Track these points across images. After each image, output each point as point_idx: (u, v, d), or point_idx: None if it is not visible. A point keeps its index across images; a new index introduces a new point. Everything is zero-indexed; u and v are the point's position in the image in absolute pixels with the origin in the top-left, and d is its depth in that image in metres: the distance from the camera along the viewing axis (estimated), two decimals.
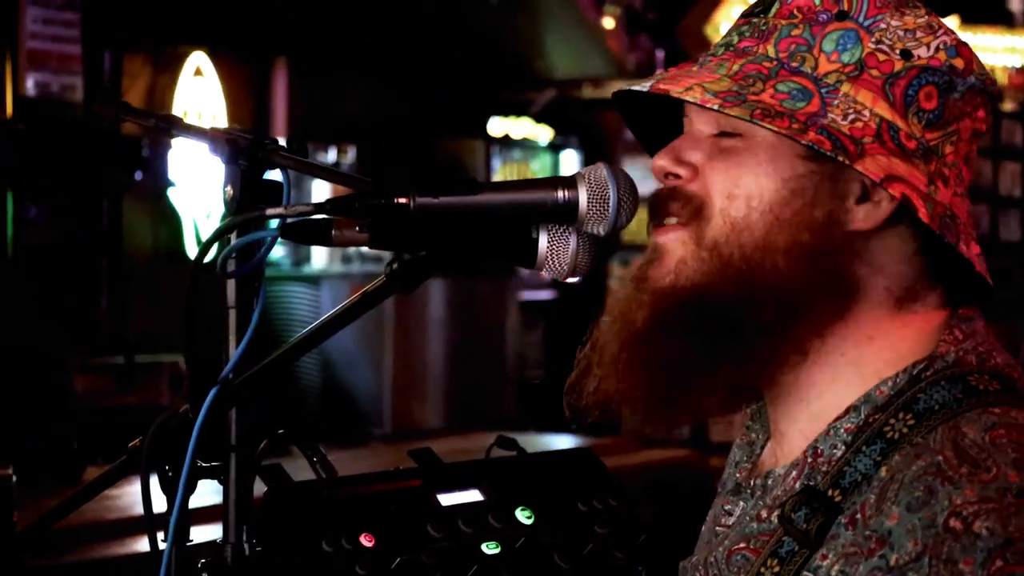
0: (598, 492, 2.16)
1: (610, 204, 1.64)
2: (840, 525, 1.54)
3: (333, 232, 1.65)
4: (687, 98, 1.60)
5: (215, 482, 1.79)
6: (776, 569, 1.57)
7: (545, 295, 10.25)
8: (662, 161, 1.66)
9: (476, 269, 8.59)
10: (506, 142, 10.27)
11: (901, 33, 1.63)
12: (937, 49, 1.62)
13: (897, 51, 1.62)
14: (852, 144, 1.57)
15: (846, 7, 1.64)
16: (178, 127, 1.88)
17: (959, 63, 1.63)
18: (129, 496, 5.55)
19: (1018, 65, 12.22)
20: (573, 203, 1.63)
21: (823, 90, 1.60)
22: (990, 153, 10.77)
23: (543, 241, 1.66)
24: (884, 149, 1.58)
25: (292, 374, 8.27)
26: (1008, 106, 11.71)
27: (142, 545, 1.79)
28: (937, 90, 1.62)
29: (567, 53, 9.90)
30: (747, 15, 1.69)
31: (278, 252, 8.87)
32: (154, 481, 1.75)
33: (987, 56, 12.15)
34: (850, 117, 1.59)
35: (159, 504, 1.75)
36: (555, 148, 10.73)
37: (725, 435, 9.36)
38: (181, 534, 1.74)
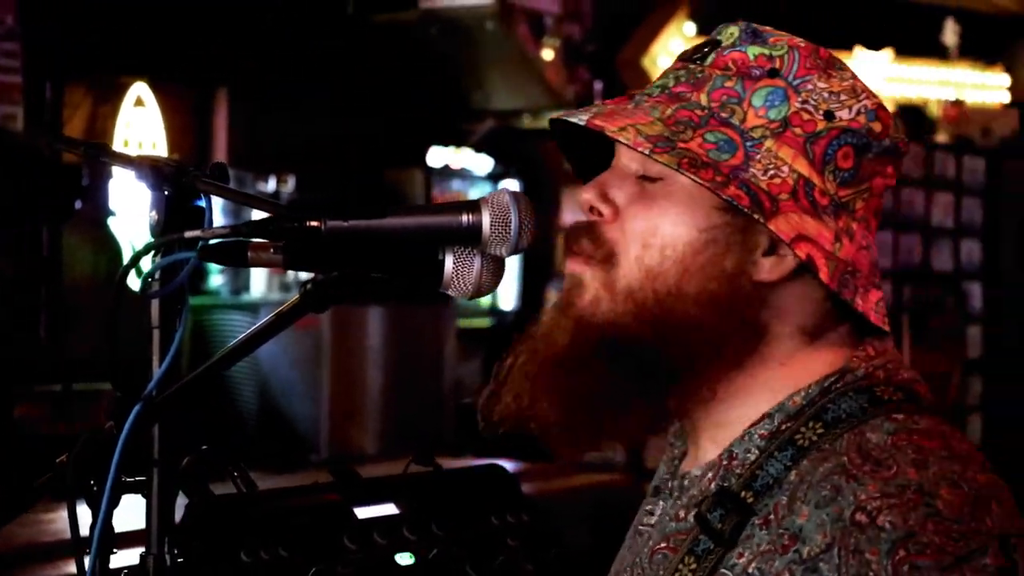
0: (510, 507, 2.23)
1: (512, 227, 1.72)
2: (754, 526, 1.64)
3: (249, 254, 1.72)
4: (620, 139, 1.68)
5: (140, 508, 1.84)
6: (693, 566, 1.67)
7: (483, 322, 10.33)
8: (588, 195, 1.76)
9: (412, 296, 8.64)
10: (445, 172, 10.34)
11: (826, 95, 1.72)
12: (858, 112, 1.72)
13: (821, 112, 1.71)
14: (768, 200, 1.67)
15: (778, 65, 1.73)
16: (106, 155, 1.95)
17: (877, 127, 1.73)
18: (63, 521, 5.59)
19: (952, 98, 12.38)
20: (477, 226, 1.72)
21: (748, 143, 1.70)
22: (923, 184, 10.90)
23: (449, 262, 1.74)
24: (797, 206, 1.68)
25: (230, 399, 8.30)
26: (941, 138, 11.86)
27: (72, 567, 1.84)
28: (854, 151, 1.72)
29: (506, 84, 9.97)
30: (684, 59, 1.79)
31: (217, 280, 8.91)
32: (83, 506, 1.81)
33: (921, 89, 12.31)
34: (770, 172, 1.68)
35: (86, 528, 1.80)
36: (494, 178, 10.81)
37: (659, 461, 9.44)
38: (105, 546, 1.79)
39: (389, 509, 2.13)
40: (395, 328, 8.59)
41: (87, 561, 1.79)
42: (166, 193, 1.82)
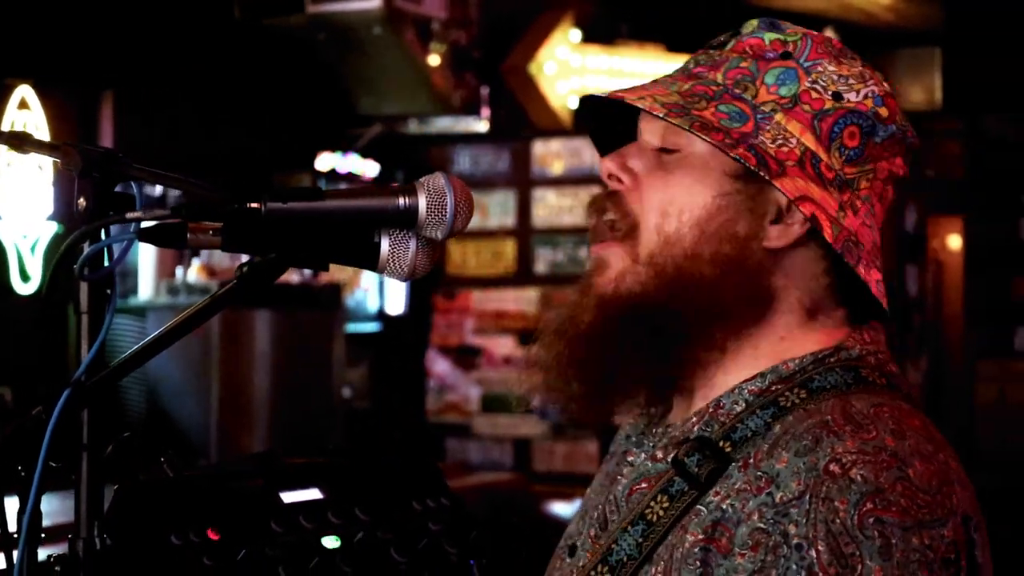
0: (431, 492, 2.27)
1: (448, 210, 1.76)
2: (734, 469, 1.74)
3: (188, 236, 1.74)
4: (638, 104, 1.80)
5: (59, 504, 1.84)
6: (665, 505, 1.76)
7: (371, 327, 10.33)
8: (610, 164, 1.89)
9: (303, 302, 8.63)
10: (333, 176, 10.33)
11: (835, 77, 1.84)
12: (866, 96, 1.84)
13: (830, 92, 1.83)
14: (775, 164, 1.78)
15: (791, 49, 1.85)
16: (30, 143, 1.95)
17: (884, 111, 1.84)
18: None
19: None
20: (413, 209, 1.75)
21: (758, 116, 1.81)
22: None
23: (384, 245, 1.77)
24: (804, 174, 1.79)
25: (118, 402, 8.23)
26: None
27: None
28: (860, 131, 1.83)
29: (394, 89, 9.97)
30: (707, 47, 1.91)
31: None
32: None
33: None
34: (778, 142, 1.79)
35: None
36: (381, 182, 10.83)
37: (548, 464, 9.52)
38: (34, 532, 1.81)
39: (314, 494, 2.16)
40: (284, 332, 8.57)
41: (15, 553, 1.80)
42: (95, 179, 1.83)
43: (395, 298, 10.41)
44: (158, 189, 9.03)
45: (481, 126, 10.34)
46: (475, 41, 10.25)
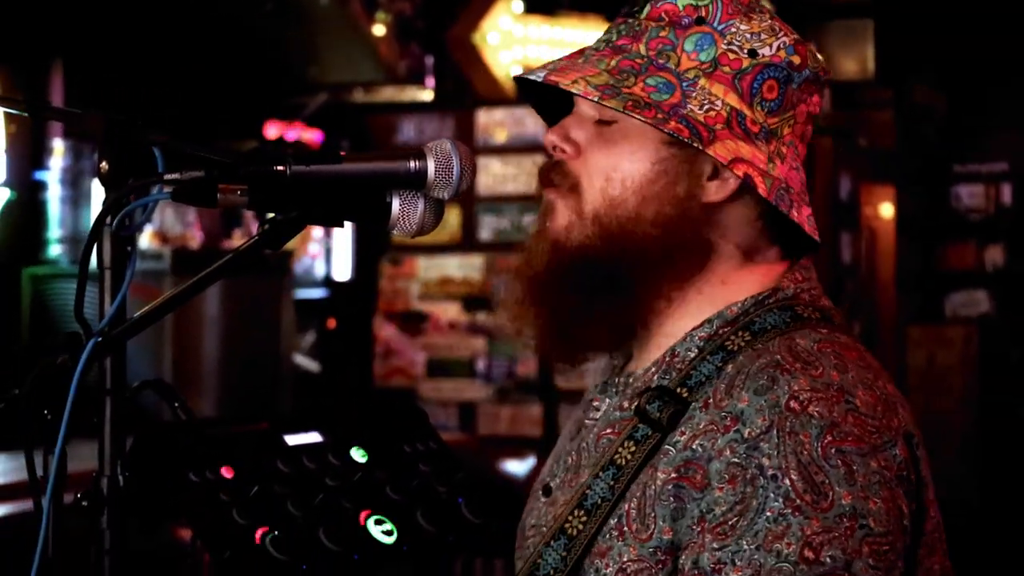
0: (419, 436, 2.42)
1: (454, 172, 1.92)
2: (694, 409, 1.90)
3: (218, 196, 1.88)
4: (573, 90, 1.95)
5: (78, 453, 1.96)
6: (632, 449, 1.92)
7: (319, 293, 10.43)
8: (552, 136, 2.04)
9: (253, 268, 8.71)
10: (280, 144, 10.38)
11: (748, 36, 1.97)
12: (779, 48, 1.98)
13: (745, 51, 1.97)
14: (706, 131, 1.93)
15: (703, 14, 1.99)
16: (52, 111, 2.09)
17: (796, 59, 1.99)
18: None
19: None
20: (423, 172, 1.91)
21: (684, 84, 1.95)
22: None
23: (395, 204, 1.93)
24: (732, 134, 1.94)
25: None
26: None
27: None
28: (777, 83, 1.98)
29: (339, 59, 10.05)
30: (624, 15, 2.04)
31: (56, 250, 8.90)
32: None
33: None
34: (705, 107, 1.94)
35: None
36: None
37: (492, 427, 9.66)
38: (62, 466, 1.92)
39: (314, 437, 2.31)
40: (234, 298, 8.64)
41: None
42: (116, 144, 1.96)
43: (342, 264, 10.51)
44: None
45: (426, 95, 10.41)
46: (419, 11, 10.32)
